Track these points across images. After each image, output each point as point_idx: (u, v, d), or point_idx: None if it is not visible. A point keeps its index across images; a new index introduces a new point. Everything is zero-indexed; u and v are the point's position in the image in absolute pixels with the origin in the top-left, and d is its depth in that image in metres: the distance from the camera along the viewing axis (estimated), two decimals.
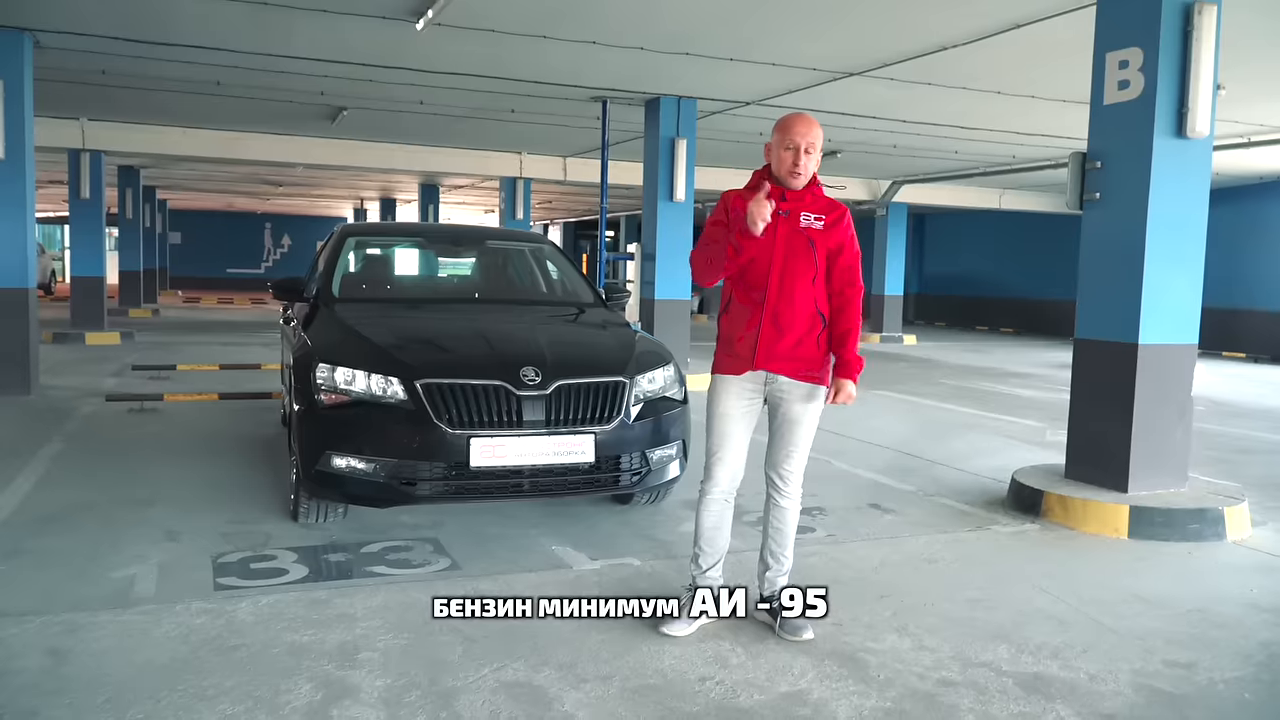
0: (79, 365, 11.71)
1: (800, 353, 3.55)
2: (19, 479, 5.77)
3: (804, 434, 3.63)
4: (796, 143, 3.49)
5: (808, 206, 3.58)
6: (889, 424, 8.90)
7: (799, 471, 3.67)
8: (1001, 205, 21.16)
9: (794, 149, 3.50)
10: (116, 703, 2.96)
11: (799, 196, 3.57)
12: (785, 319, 3.53)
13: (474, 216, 32.31)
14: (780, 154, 3.53)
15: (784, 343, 3.54)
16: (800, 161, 3.50)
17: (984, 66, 9.22)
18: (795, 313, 3.53)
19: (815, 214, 3.57)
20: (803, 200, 3.58)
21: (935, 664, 3.42)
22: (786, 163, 3.52)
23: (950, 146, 14.59)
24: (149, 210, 25.79)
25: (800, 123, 3.52)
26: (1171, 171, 5.36)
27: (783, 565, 3.73)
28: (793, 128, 3.51)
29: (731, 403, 3.60)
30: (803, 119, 3.53)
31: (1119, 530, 5.21)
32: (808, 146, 3.50)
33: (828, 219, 3.59)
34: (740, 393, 3.60)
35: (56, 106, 13.21)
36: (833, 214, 3.60)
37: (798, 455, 3.64)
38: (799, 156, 3.50)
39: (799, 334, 3.54)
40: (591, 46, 8.87)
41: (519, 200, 18.20)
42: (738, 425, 3.61)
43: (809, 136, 3.50)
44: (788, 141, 3.51)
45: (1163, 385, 5.52)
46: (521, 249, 6.79)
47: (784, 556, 3.72)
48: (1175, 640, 3.71)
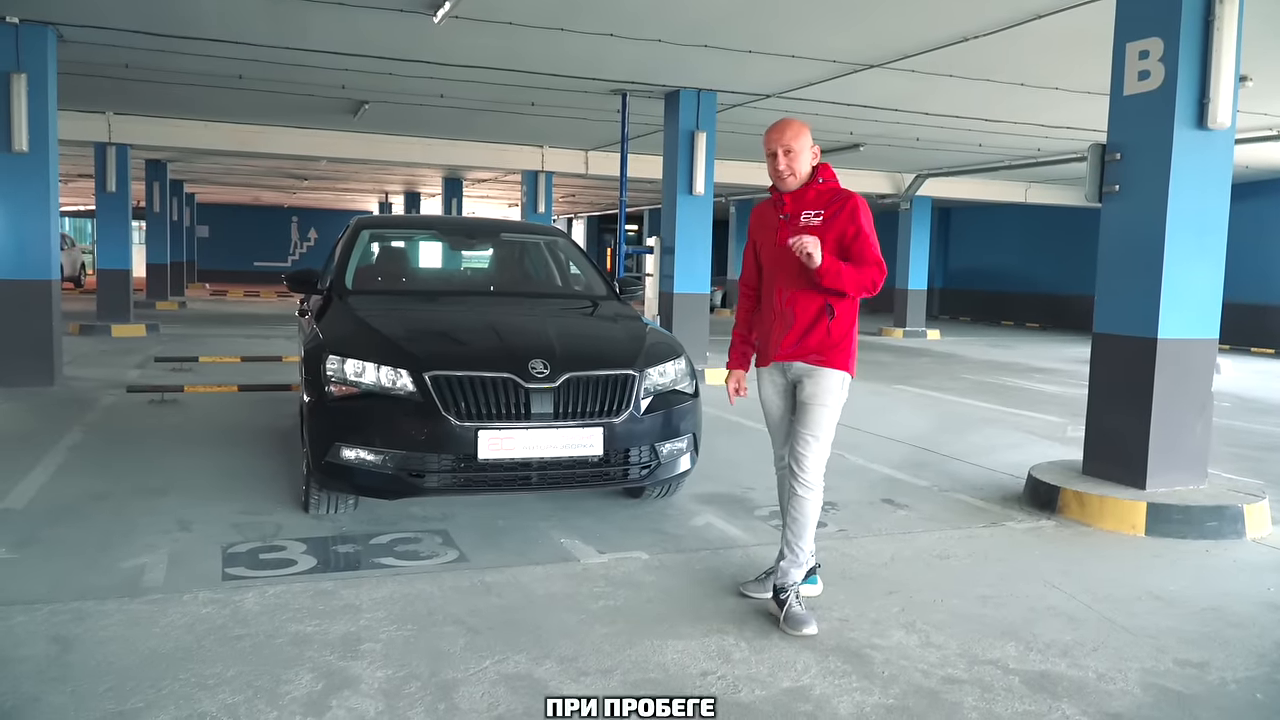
0: (103, 357, 11.84)
1: (809, 342, 3.69)
2: (37, 469, 5.83)
3: (814, 415, 3.67)
4: (773, 149, 3.69)
5: (809, 205, 3.70)
6: (907, 419, 8.83)
7: (814, 458, 3.68)
8: (1027, 199, 20.95)
9: (773, 155, 3.69)
10: (118, 691, 2.97)
11: (799, 196, 3.73)
12: (792, 315, 3.71)
13: (498, 210, 32.40)
14: (768, 160, 3.74)
15: (791, 335, 3.72)
16: (782, 165, 3.68)
17: (1006, 58, 9.11)
18: (801, 309, 3.70)
19: (815, 210, 3.68)
20: (804, 199, 3.72)
21: (941, 661, 3.38)
22: (771, 169, 3.73)
23: (974, 139, 14.44)
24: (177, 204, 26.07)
25: (772, 131, 3.72)
26: (1192, 163, 5.26)
27: (798, 557, 3.72)
28: (767, 137, 3.73)
29: (767, 388, 3.90)
30: (774, 126, 3.72)
31: (1136, 527, 5.13)
32: (785, 150, 3.66)
33: (827, 212, 3.66)
34: (772, 380, 3.86)
35: (83, 100, 13.36)
36: (834, 205, 3.67)
37: (813, 441, 3.67)
38: (778, 161, 3.68)
39: (805, 325, 3.69)
40: (609, 39, 8.85)
41: (540, 194, 18.21)
42: (775, 408, 3.89)
43: (782, 140, 3.66)
44: (767, 150, 3.72)
45: (1182, 380, 5.43)
46: (536, 241, 6.78)
47: (799, 548, 3.72)
48: (1188, 639, 3.65)
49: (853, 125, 13.45)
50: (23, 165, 8.86)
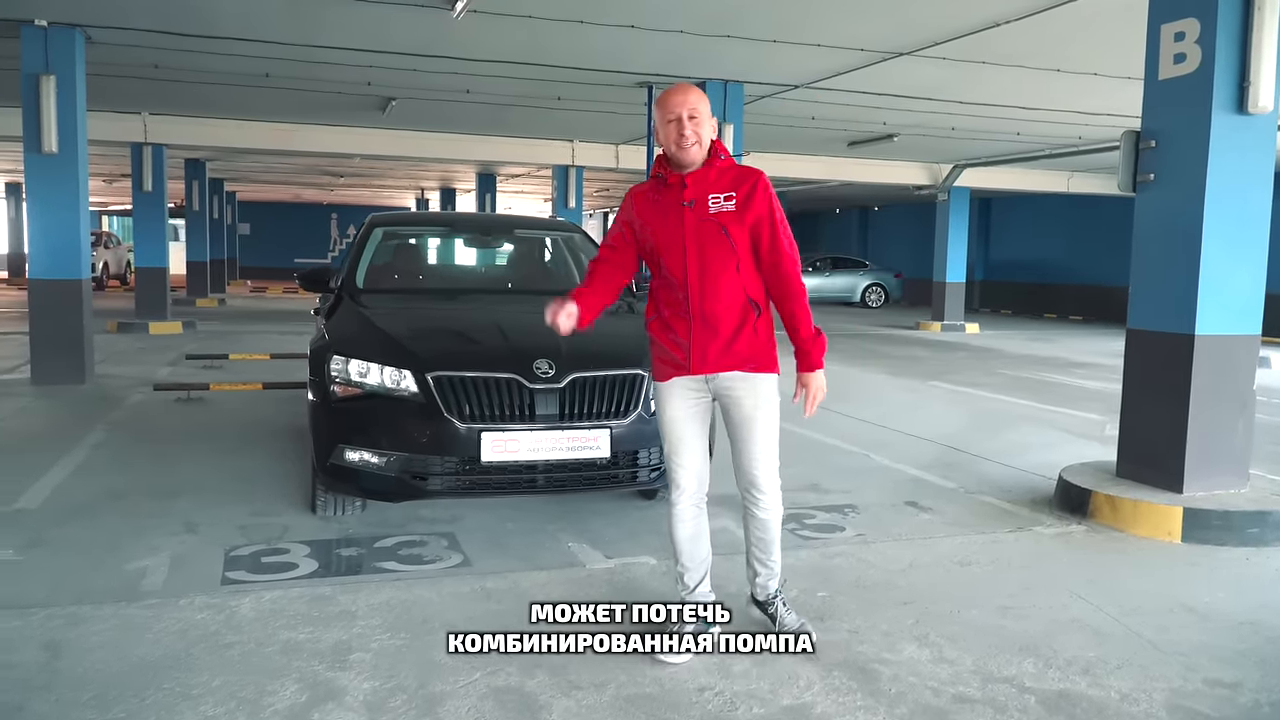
0: (138, 354, 11.96)
1: (738, 347, 3.24)
2: (56, 468, 5.84)
3: (762, 431, 3.29)
4: (677, 113, 3.15)
5: (713, 186, 3.22)
6: (937, 416, 8.61)
7: (772, 475, 3.34)
8: (1069, 189, 20.48)
9: (675, 119, 3.15)
10: (101, 700, 2.92)
11: (701, 177, 3.22)
12: (714, 318, 3.22)
13: (532, 205, 32.41)
14: (663, 130, 3.20)
15: (717, 342, 3.23)
16: (687, 131, 3.15)
17: (1040, 43, 8.84)
18: (724, 309, 3.22)
19: (724, 193, 3.21)
20: (706, 180, 3.22)
21: (953, 678, 3.22)
22: (672, 136, 3.17)
23: (1011, 128, 14.10)
24: (217, 202, 26.37)
25: (677, 93, 3.20)
26: (1231, 150, 5.01)
27: (773, 570, 3.47)
28: (668, 100, 3.19)
29: (678, 405, 3.33)
30: (680, 88, 3.22)
31: (1171, 533, 4.91)
32: (690, 113, 3.15)
33: (739, 196, 3.20)
34: (684, 394, 3.32)
35: (119, 101, 13.48)
36: (743, 187, 3.22)
37: (764, 458, 3.31)
38: (683, 125, 3.14)
39: (731, 329, 3.23)
40: (631, 30, 8.71)
41: (571, 189, 18.13)
42: (689, 427, 3.34)
43: (686, 103, 3.15)
44: (667, 114, 3.17)
45: (1221, 378, 5.19)
46: (551, 237, 6.67)
47: (771, 561, 3.46)
48: (1221, 656, 3.45)
49: (885, 115, 13.18)
50: (53, 166, 8.94)
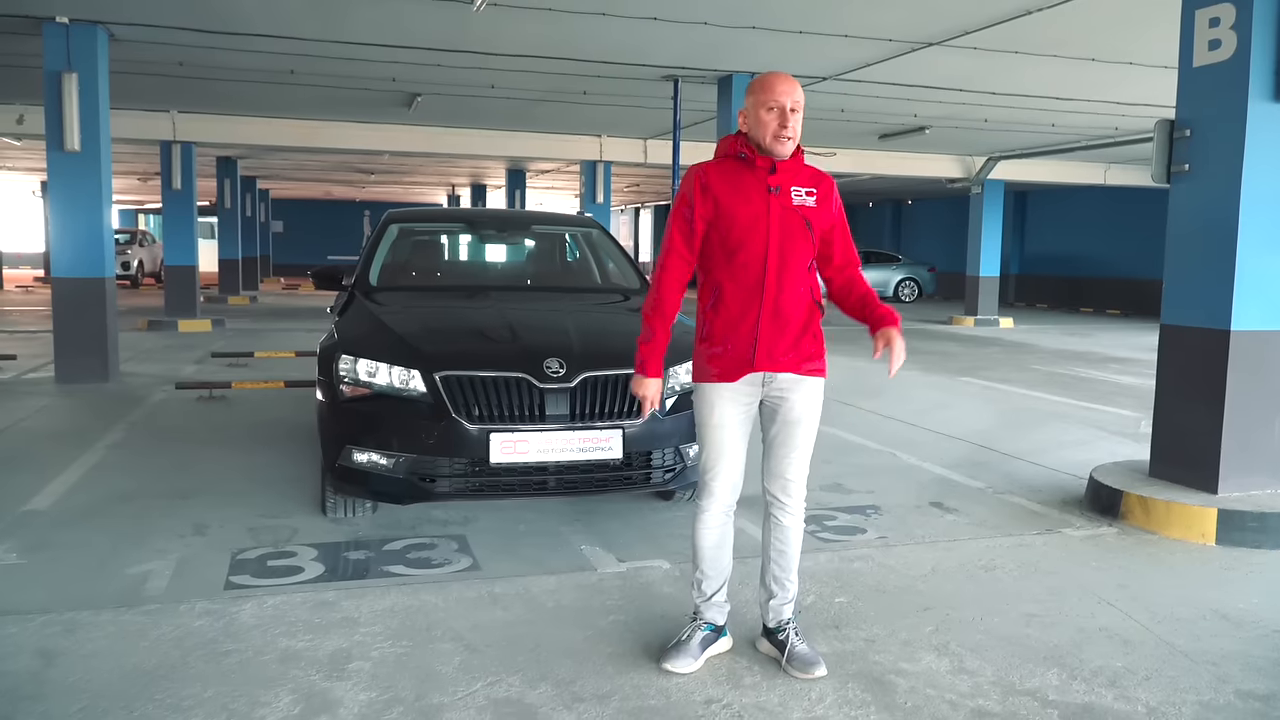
0: (165, 352, 12.02)
1: (802, 347, 3.14)
2: (71, 468, 5.83)
3: (805, 435, 3.19)
4: (781, 102, 3.00)
5: (795, 178, 3.12)
6: (968, 413, 8.41)
7: (803, 480, 3.22)
8: (1106, 181, 20.06)
9: (778, 109, 3.00)
10: (90, 711, 2.85)
11: (788, 167, 3.11)
12: (786, 312, 3.09)
13: (562, 201, 32.37)
14: (761, 117, 3.03)
15: (785, 338, 3.11)
16: (789, 123, 3.02)
17: (1073, 31, 8.59)
18: (795, 304, 3.11)
19: (806, 188, 3.13)
20: (792, 172, 3.12)
21: (972, 690, 3.08)
22: (771, 126, 3.02)
23: (1045, 119, 13.79)
24: (250, 200, 26.57)
25: (783, 80, 3.03)
26: (1268, 139, 4.80)
27: (788, 592, 3.29)
28: (774, 86, 3.01)
29: (728, 411, 3.14)
30: (784, 76, 3.05)
31: (1206, 535, 4.72)
32: (793, 105, 3.02)
33: (819, 193, 3.15)
34: (736, 399, 3.15)
35: (147, 99, 13.53)
36: (822, 186, 3.17)
37: (800, 461, 3.20)
38: (786, 117, 3.01)
39: (799, 327, 3.13)
40: (654, 23, 8.58)
41: (599, 184, 18.03)
42: (735, 434, 3.17)
43: (794, 95, 3.02)
44: (770, 101, 3.01)
45: (1258, 375, 4.99)
46: (568, 233, 6.57)
47: (789, 582, 3.28)
48: (1255, 666, 3.29)
49: (916, 107, 12.95)
50: (76, 164, 8.96)
